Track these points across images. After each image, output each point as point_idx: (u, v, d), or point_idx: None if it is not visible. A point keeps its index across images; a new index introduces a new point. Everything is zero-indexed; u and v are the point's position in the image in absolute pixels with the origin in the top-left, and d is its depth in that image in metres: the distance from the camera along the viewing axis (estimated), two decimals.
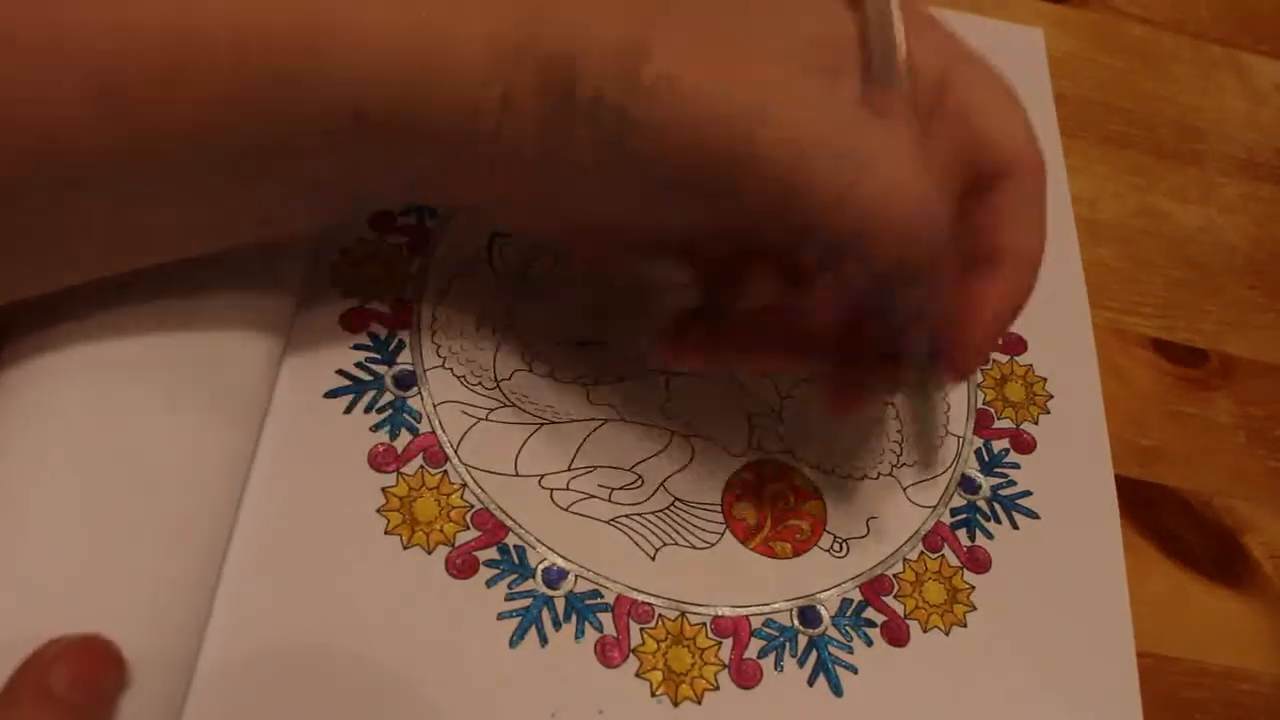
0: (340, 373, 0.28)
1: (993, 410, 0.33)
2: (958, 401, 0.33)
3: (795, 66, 0.22)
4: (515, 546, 0.27)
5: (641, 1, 0.21)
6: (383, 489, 0.27)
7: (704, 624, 0.27)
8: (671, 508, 0.29)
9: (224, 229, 0.23)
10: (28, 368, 0.23)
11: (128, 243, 0.22)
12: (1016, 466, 0.32)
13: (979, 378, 0.33)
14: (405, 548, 0.26)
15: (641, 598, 0.27)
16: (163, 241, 0.23)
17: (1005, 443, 0.32)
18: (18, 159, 0.19)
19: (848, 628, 0.28)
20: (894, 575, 0.29)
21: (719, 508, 0.29)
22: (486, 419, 0.29)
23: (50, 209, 0.20)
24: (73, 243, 0.22)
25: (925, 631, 0.28)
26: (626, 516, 0.28)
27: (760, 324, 0.28)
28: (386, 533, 0.27)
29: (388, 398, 0.28)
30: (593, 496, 0.28)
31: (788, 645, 0.27)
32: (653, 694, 0.26)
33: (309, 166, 0.22)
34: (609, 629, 0.27)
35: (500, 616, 0.26)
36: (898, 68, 0.23)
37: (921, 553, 0.30)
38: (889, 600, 0.29)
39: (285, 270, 0.27)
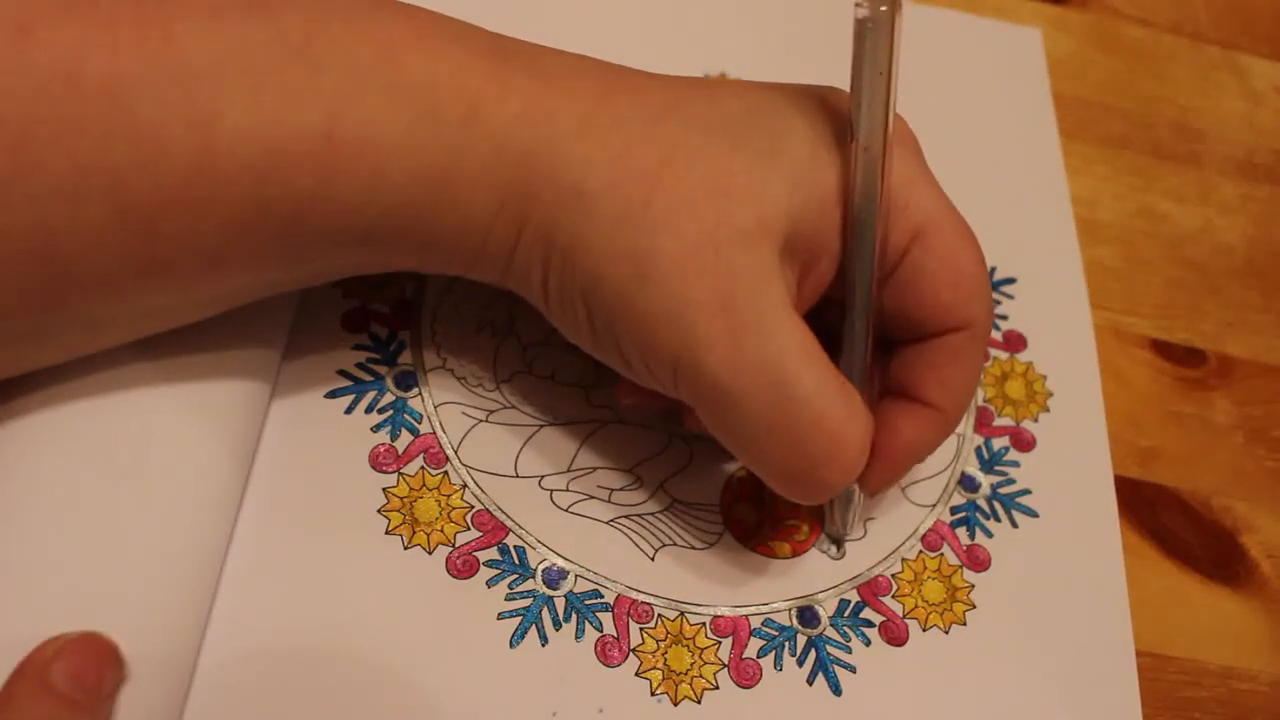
0: (341, 373, 0.28)
1: (993, 408, 0.33)
2: None
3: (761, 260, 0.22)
4: (515, 547, 0.27)
5: (646, 159, 0.22)
6: (384, 489, 0.27)
7: (703, 624, 0.27)
8: (671, 508, 0.29)
9: (229, 305, 0.24)
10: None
11: (134, 330, 0.23)
12: (1016, 465, 0.32)
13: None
14: (406, 548, 0.27)
15: (641, 598, 0.27)
16: (168, 323, 0.23)
17: (1005, 440, 0.32)
18: (36, 272, 0.20)
19: (846, 627, 0.28)
20: (892, 575, 0.29)
21: (718, 508, 0.29)
22: (487, 420, 0.29)
23: (62, 315, 0.21)
24: (80, 335, 0.22)
25: (924, 630, 0.28)
26: (626, 517, 0.28)
27: None
28: (387, 533, 0.27)
29: (389, 398, 0.28)
30: (592, 497, 0.28)
31: (787, 645, 0.27)
32: (652, 693, 0.26)
33: (321, 266, 0.23)
34: (609, 629, 0.27)
35: (500, 616, 0.26)
36: (877, 208, 0.23)
37: (920, 552, 0.30)
38: (887, 600, 0.29)
39: None
